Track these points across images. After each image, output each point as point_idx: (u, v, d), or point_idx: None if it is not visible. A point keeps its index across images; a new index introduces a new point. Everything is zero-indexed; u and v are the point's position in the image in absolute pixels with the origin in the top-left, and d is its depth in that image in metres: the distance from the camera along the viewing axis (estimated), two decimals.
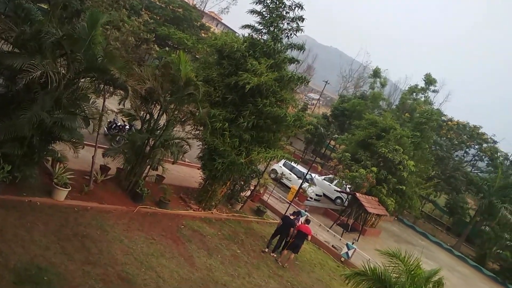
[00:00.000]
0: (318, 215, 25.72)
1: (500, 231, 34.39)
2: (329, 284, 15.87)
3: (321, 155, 46.37)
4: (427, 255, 28.40)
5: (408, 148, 27.26)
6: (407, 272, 10.01)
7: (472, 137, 44.13)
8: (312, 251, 18.60)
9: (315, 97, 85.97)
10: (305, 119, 17.27)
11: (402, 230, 35.00)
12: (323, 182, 31.53)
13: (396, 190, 27.23)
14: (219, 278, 11.87)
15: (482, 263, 34.14)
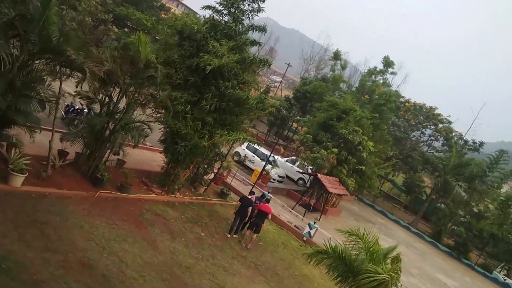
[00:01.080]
0: (281, 196, 26.09)
1: (455, 208, 36.08)
2: (291, 263, 16.23)
3: (284, 137, 46.78)
4: (385, 233, 29.49)
5: (367, 129, 27.92)
6: (366, 249, 10.38)
7: (428, 118, 45.68)
8: (275, 232, 18.91)
9: (277, 80, 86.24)
10: (268, 102, 17.36)
11: (362, 209, 36.07)
12: (285, 164, 31.90)
13: (356, 170, 27.93)
14: (183, 261, 11.90)
15: (438, 239, 35.77)
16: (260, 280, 13.33)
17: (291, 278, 14.88)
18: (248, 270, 13.65)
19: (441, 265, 29.74)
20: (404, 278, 19.09)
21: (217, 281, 11.75)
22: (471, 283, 28.89)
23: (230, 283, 12.11)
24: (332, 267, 10.28)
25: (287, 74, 77.49)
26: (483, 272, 32.78)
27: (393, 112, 36.42)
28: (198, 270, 11.87)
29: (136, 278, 9.95)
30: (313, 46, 73.42)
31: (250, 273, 13.51)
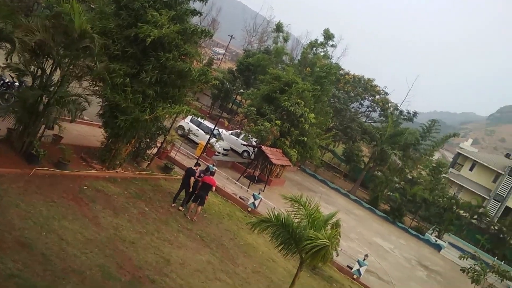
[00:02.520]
0: (226, 169, 26.26)
1: (390, 175, 38.06)
2: (237, 234, 16.53)
3: (228, 110, 46.69)
4: (326, 201, 30.68)
5: (309, 101, 28.50)
6: (307, 216, 10.78)
7: (366, 90, 47.26)
8: (220, 204, 19.09)
9: (220, 52, 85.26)
10: (211, 74, 17.15)
11: (305, 178, 37.15)
12: (230, 136, 32.00)
13: (298, 142, 28.58)
14: (127, 236, 11.77)
15: (375, 205, 37.74)
16: (205, 252, 13.51)
17: (236, 248, 15.19)
18: (193, 242, 13.76)
19: (378, 229, 31.51)
20: (344, 243, 20.10)
21: (162, 255, 11.77)
22: (405, 245, 30.92)
23: (176, 255, 12.17)
24: (276, 235, 10.62)
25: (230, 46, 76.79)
26: (417, 234, 35.16)
27: (333, 84, 37.33)
28: (142, 244, 11.80)
29: (77, 256, 9.74)
30: (255, 18, 73.05)
31: (195, 245, 13.63)
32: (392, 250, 27.24)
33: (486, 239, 39.07)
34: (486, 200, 48.32)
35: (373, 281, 19.57)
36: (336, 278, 17.63)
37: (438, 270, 28.07)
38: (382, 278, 20.58)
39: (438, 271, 27.69)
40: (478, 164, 51.46)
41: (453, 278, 27.10)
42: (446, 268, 29.56)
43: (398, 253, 27.24)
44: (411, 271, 24.82)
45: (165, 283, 10.52)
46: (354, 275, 18.63)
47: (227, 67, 56.38)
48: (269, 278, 14.23)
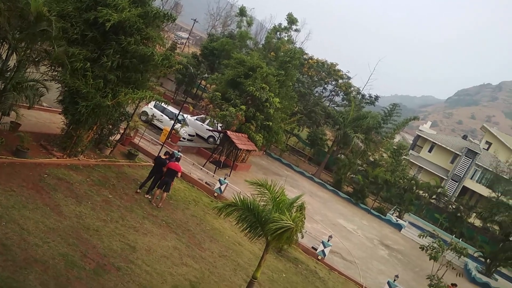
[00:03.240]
0: (192, 155, 26.14)
1: (353, 158, 38.92)
2: (203, 219, 16.59)
3: (193, 95, 46.23)
4: (292, 184, 31.14)
5: (274, 86, 28.61)
6: (273, 199, 10.95)
7: (329, 74, 47.82)
8: (186, 190, 19.04)
9: (184, 36, 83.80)
10: (174, 59, 16.94)
11: (270, 163, 37.49)
12: (195, 122, 31.77)
13: (263, 126, 28.74)
14: (91, 224, 11.60)
15: (339, 187, 38.60)
16: (172, 237, 13.50)
17: (203, 233, 15.26)
18: (159, 228, 13.72)
19: (341, 211, 32.31)
20: (309, 225, 20.56)
21: (127, 241, 11.69)
22: (368, 225, 31.88)
23: (142, 242, 12.11)
24: (242, 219, 10.74)
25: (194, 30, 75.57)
26: (378, 215, 36.30)
27: (297, 69, 37.55)
28: (107, 232, 11.67)
29: (39, 245, 9.54)
30: (219, 2, 72.13)
31: (161, 231, 13.60)
32: (355, 231, 28.05)
33: (444, 218, 40.86)
34: (444, 180, 50.35)
35: (337, 261, 20.15)
36: (301, 259, 18.04)
37: (399, 248, 29.16)
38: (345, 258, 21.20)
39: (399, 250, 28.77)
40: (436, 146, 53.39)
41: (413, 256, 28.25)
42: (407, 246, 30.75)
43: (361, 234, 28.08)
44: (373, 251, 25.68)
45: (131, 270, 10.48)
46: (318, 256, 19.11)
47: (191, 51, 55.59)
48: (236, 262, 14.40)
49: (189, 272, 11.94)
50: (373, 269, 21.87)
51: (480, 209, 38.32)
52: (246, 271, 13.90)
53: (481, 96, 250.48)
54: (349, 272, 19.26)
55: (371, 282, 19.52)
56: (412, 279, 23.18)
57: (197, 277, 11.89)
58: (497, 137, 56.86)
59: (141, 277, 10.41)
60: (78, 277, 9.24)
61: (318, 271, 17.66)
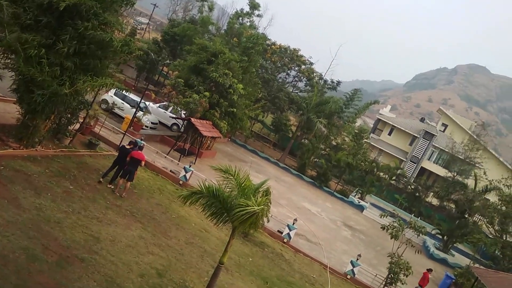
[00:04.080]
0: (155, 143, 25.79)
1: (317, 142, 39.51)
2: (168, 207, 16.48)
3: (155, 82, 45.40)
4: (257, 170, 31.31)
5: (237, 72, 28.51)
6: (238, 185, 10.98)
7: (292, 60, 48.04)
8: (150, 178, 18.83)
9: (144, 21, 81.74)
10: (134, 45, 16.51)
11: (235, 149, 37.53)
12: (158, 109, 31.28)
13: (228, 113, 28.66)
14: (51, 216, 11.30)
15: (303, 171, 39.18)
16: (137, 227, 13.36)
17: (169, 221, 15.18)
18: (124, 218, 13.53)
19: (306, 194, 32.87)
20: (274, 209, 20.80)
21: (91, 233, 11.48)
22: (331, 207, 32.61)
23: (105, 232, 11.92)
24: (207, 206, 10.72)
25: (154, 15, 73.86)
26: (341, 197, 37.17)
27: (260, 55, 37.52)
28: (69, 223, 11.40)
29: None
30: None
31: (126, 221, 13.42)
32: (319, 213, 28.64)
33: (404, 198, 42.33)
34: (404, 162, 52.00)
35: (303, 243, 20.56)
36: (267, 243, 18.29)
37: (361, 229, 30.05)
38: (310, 240, 21.66)
39: (361, 230, 29.65)
40: (396, 129, 54.94)
41: (374, 236, 29.18)
42: (368, 226, 31.72)
43: (325, 216, 28.71)
44: (337, 232, 26.34)
45: (95, 261, 10.32)
46: (284, 239, 19.43)
47: (151, 37, 54.33)
48: (203, 248, 14.44)
49: (156, 260, 11.88)
50: (337, 250, 22.46)
51: (437, 189, 39.92)
52: (213, 257, 13.97)
53: (438, 80, 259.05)
54: (314, 254, 19.71)
55: (335, 262, 20.06)
56: (374, 257, 23.98)
57: (164, 265, 11.86)
58: (452, 119, 59.07)
59: (106, 268, 10.28)
60: (40, 270, 9.02)
61: (284, 254, 17.97)
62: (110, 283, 9.77)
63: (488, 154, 48.89)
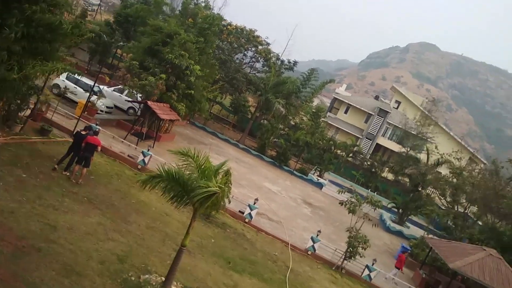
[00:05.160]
0: (111, 127, 25.22)
1: (275, 122, 39.86)
2: (127, 193, 16.29)
3: (108, 65, 44.02)
4: (217, 152, 31.35)
5: (193, 53, 28.06)
6: (198, 167, 11.02)
7: (249, 41, 47.80)
8: (107, 164, 18.48)
9: (95, 3, 78.59)
10: (85, 27, 15.97)
11: (194, 132, 37.29)
12: (113, 93, 30.45)
13: (185, 95, 28.30)
14: (4, 206, 10.94)
15: (263, 152, 39.53)
16: (95, 213, 13.16)
17: (128, 207, 15.03)
18: (81, 205, 13.28)
19: (266, 174, 33.28)
20: (235, 190, 20.98)
21: (47, 221, 11.22)
22: (291, 186, 33.23)
23: (63, 220, 11.69)
24: (167, 189, 10.71)
25: None
26: (301, 175, 37.90)
27: (217, 36, 37.07)
28: (23, 213, 11.09)
29: None
30: None
31: (83, 208, 13.18)
32: (279, 192, 29.14)
33: (361, 174, 43.73)
34: (360, 139, 53.50)
35: (264, 222, 20.93)
36: (229, 223, 18.51)
37: (320, 205, 30.87)
38: (272, 219, 22.07)
39: (320, 207, 30.47)
40: (351, 107, 56.23)
41: (333, 211, 30.07)
42: (327, 203, 32.62)
43: (285, 194, 29.25)
44: (297, 209, 26.95)
45: (52, 250, 10.13)
46: (246, 219, 19.71)
47: (103, 19, 52.41)
48: (164, 232, 14.45)
49: (116, 246, 11.79)
50: (297, 227, 23.03)
51: (392, 164, 41.55)
52: (175, 240, 14.01)
53: (391, 58, 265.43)
54: (276, 232, 20.14)
55: (296, 239, 20.59)
56: (333, 232, 24.78)
57: (125, 250, 11.80)
58: (405, 96, 61.12)
59: (65, 256, 10.12)
60: None
61: (246, 234, 18.26)
62: (69, 271, 9.65)
63: (439, 129, 51.09)
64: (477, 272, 19.75)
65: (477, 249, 21.62)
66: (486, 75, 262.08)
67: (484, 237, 25.31)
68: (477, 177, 30.59)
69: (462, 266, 19.79)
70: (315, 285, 16.28)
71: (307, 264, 18.28)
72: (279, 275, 15.49)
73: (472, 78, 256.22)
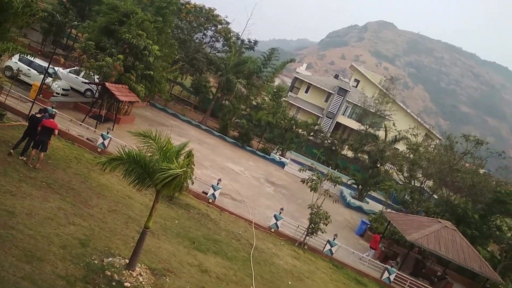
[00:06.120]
0: (69, 110, 24.52)
1: (237, 103, 39.86)
2: (88, 176, 16.04)
3: (63, 46, 42.36)
4: (179, 133, 31.13)
5: (151, 33, 27.47)
6: (159, 149, 10.98)
7: (208, 20, 47.14)
8: (66, 148, 18.06)
9: None
10: (37, 6, 15.32)
11: (155, 113, 36.77)
12: (69, 75, 29.45)
13: (144, 76, 27.78)
14: None
15: (225, 132, 39.56)
16: (55, 198, 12.92)
17: (89, 190, 14.83)
18: (40, 190, 13.00)
19: (229, 155, 33.42)
20: (198, 171, 21.06)
21: (4, 207, 10.94)
22: (254, 166, 33.56)
23: (21, 206, 11.42)
24: (129, 172, 10.64)
25: None
26: (263, 155, 38.30)
27: (175, 15, 36.38)
28: None
29: None
30: None
31: (42, 193, 12.91)
32: (242, 172, 29.41)
33: (322, 152, 44.63)
34: (320, 118, 54.34)
35: (228, 202, 21.16)
36: (193, 204, 18.60)
37: (283, 184, 31.43)
38: (235, 198, 22.33)
39: (283, 185, 31.02)
40: (312, 87, 56.82)
41: (295, 190, 30.70)
42: (290, 181, 33.23)
43: (248, 174, 29.55)
44: (260, 189, 27.34)
45: (12, 236, 9.93)
46: (209, 199, 19.86)
47: None
48: (127, 215, 14.39)
49: (78, 230, 11.68)
50: (261, 206, 23.43)
51: (351, 142, 42.54)
52: (138, 223, 14.00)
53: (350, 37, 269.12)
54: (239, 211, 20.43)
55: (259, 217, 20.98)
56: (296, 210, 25.38)
57: (87, 234, 11.70)
58: (364, 74, 62.26)
59: (25, 242, 9.95)
60: None
61: (209, 214, 18.43)
62: (30, 257, 9.51)
63: (396, 107, 52.51)
64: (433, 243, 20.85)
65: (433, 222, 22.76)
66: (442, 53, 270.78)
67: (439, 209, 26.62)
68: (433, 153, 31.81)
69: (419, 238, 20.82)
70: (278, 261, 16.74)
71: (270, 241, 18.71)
72: (243, 253, 15.81)
73: (428, 56, 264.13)
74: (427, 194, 31.40)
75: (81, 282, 9.53)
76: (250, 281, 13.74)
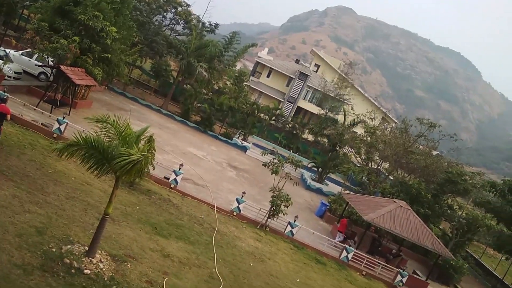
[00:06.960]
0: (21, 95, 23.48)
1: (199, 87, 39.47)
2: (43, 163, 15.55)
3: (15, 27, 40.32)
4: (139, 118, 30.57)
5: (109, 14, 26.56)
6: (118, 134, 10.77)
7: (168, 1, 46.06)
8: (19, 133, 17.38)
9: None
10: None
11: (114, 98, 35.83)
12: (21, 57, 28.11)
13: (102, 59, 26.96)
14: None
15: (187, 117, 39.12)
16: (9, 186, 12.47)
17: (45, 177, 14.39)
18: None
19: (191, 140, 33.18)
20: (160, 156, 20.82)
21: None
22: (216, 150, 33.50)
23: None
24: (86, 157, 10.41)
25: None
26: (226, 140, 38.26)
27: None
28: None
29: None
30: None
31: None
32: (205, 157, 29.31)
33: (283, 136, 45.10)
34: (282, 103, 54.73)
35: (190, 187, 21.09)
36: (154, 190, 18.43)
37: (245, 168, 31.60)
38: (197, 183, 22.28)
39: (245, 169, 31.19)
40: (274, 71, 57.00)
41: (257, 173, 30.96)
42: (252, 165, 33.45)
43: (210, 159, 29.49)
44: (222, 173, 27.38)
45: None
46: (171, 184, 19.72)
47: None
48: (85, 201, 14.10)
49: (34, 218, 11.36)
50: (223, 190, 23.50)
51: (312, 126, 43.24)
52: (98, 209, 13.76)
53: (310, 22, 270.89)
54: (201, 196, 20.42)
55: (222, 201, 21.06)
56: (258, 193, 25.64)
57: (44, 222, 11.40)
58: (324, 59, 62.97)
59: None
60: None
61: (171, 199, 18.33)
62: None
63: (355, 91, 53.63)
64: (388, 222, 21.69)
65: (388, 202, 23.63)
66: (398, 38, 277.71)
67: (394, 190, 27.62)
68: (389, 136, 32.85)
69: (375, 217, 21.59)
70: (241, 244, 16.93)
71: (232, 224, 18.86)
72: (205, 237, 15.88)
73: (385, 41, 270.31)
74: (383, 176, 32.48)
75: (39, 270, 9.32)
76: (212, 264, 13.85)
